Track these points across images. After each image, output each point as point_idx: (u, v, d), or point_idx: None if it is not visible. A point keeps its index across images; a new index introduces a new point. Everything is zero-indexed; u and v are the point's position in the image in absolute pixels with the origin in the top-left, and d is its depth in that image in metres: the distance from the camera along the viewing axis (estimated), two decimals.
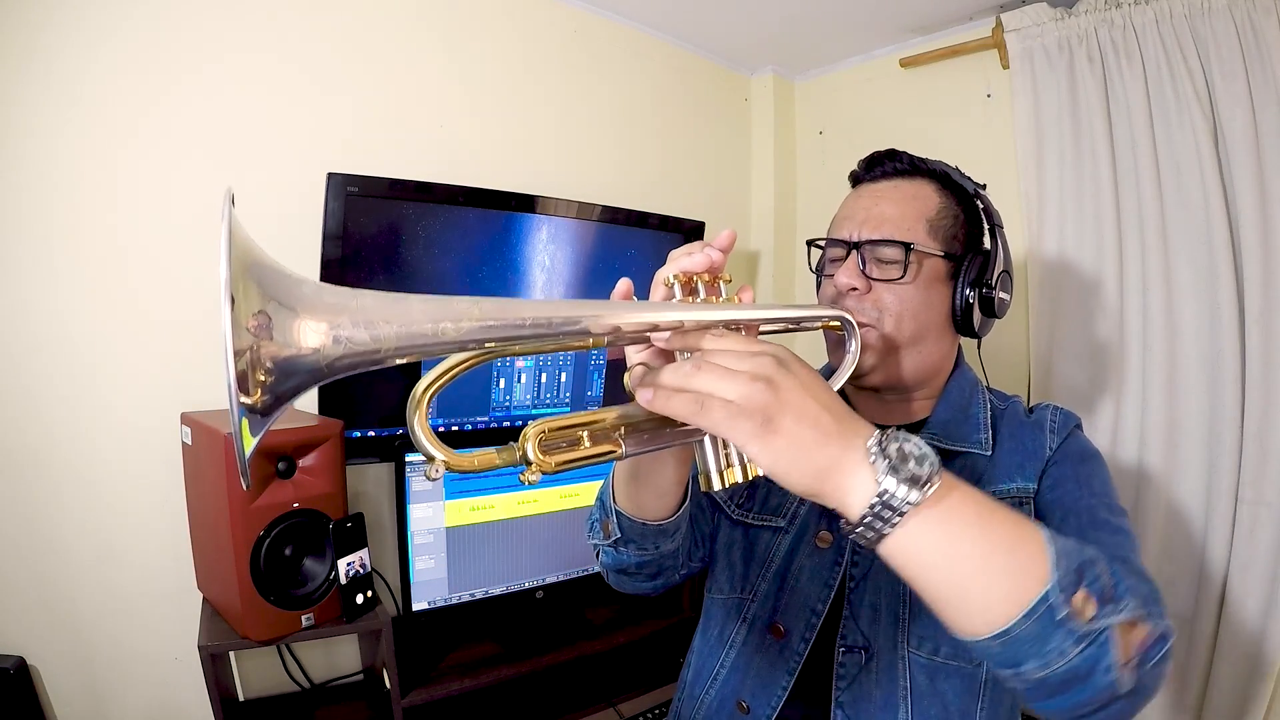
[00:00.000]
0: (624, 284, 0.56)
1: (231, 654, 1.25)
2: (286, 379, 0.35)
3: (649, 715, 1.36)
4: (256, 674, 1.29)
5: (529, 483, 0.46)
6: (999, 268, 0.78)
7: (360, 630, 1.16)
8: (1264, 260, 1.27)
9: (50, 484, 1.12)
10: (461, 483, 1.35)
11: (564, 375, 1.55)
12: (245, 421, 0.34)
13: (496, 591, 1.39)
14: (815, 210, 2.08)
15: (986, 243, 0.81)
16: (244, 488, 0.36)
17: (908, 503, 0.44)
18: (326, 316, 0.36)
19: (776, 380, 0.45)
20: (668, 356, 0.55)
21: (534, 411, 1.53)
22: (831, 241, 0.82)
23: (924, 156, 0.81)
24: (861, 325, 0.74)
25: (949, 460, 0.75)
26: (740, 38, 1.87)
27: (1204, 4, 1.31)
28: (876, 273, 0.76)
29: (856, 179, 0.86)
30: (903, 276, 0.75)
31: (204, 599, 1.17)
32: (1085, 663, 0.47)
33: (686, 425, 0.51)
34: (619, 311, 0.48)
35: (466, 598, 1.36)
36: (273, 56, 1.28)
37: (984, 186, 0.82)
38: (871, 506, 0.45)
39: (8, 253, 1.09)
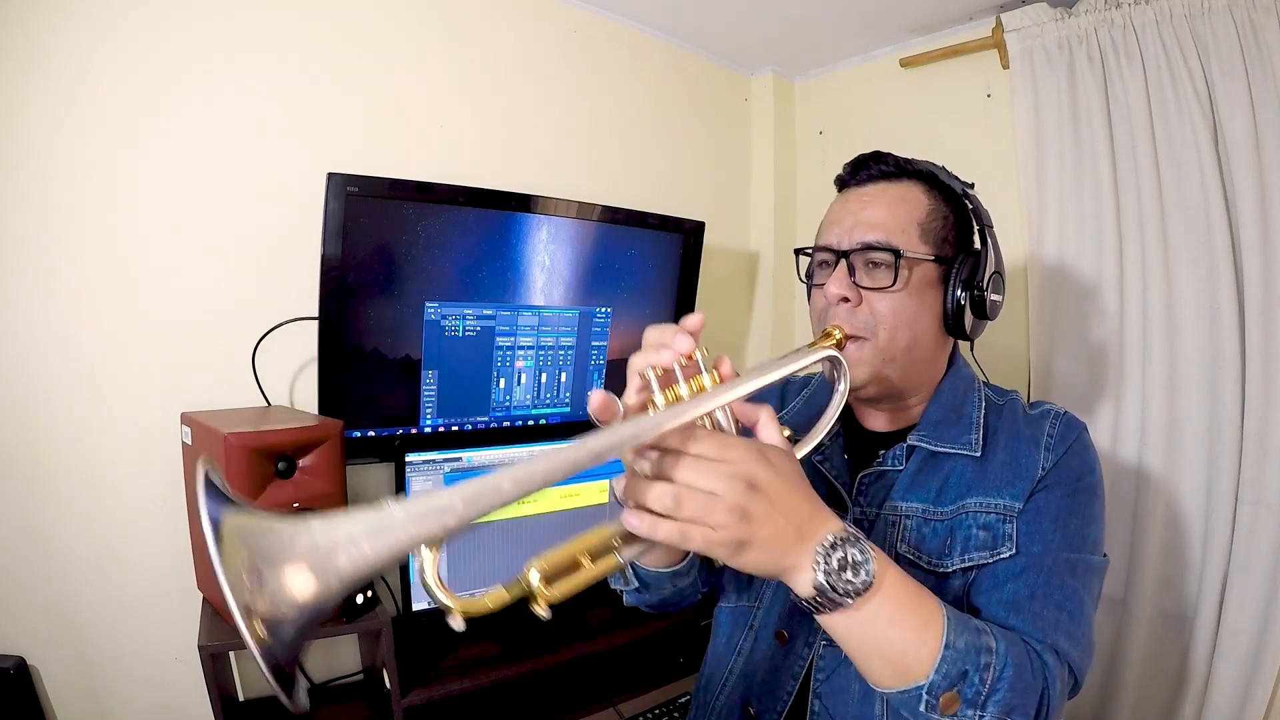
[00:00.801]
0: (598, 398, 0.55)
1: (231, 654, 1.25)
2: (292, 624, 0.40)
3: (649, 715, 1.36)
4: (256, 674, 1.29)
5: (542, 618, 0.51)
6: (990, 268, 0.77)
7: (360, 630, 1.16)
8: (1264, 260, 1.27)
9: (50, 484, 1.12)
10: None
11: (564, 375, 1.55)
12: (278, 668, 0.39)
13: None
14: (815, 210, 2.05)
15: (977, 243, 0.80)
16: (297, 710, 0.42)
17: (835, 603, 0.54)
18: (321, 557, 0.40)
19: (749, 510, 0.51)
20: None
21: (534, 412, 1.53)
22: (819, 249, 0.81)
23: (910, 157, 0.80)
24: (854, 338, 0.75)
25: (939, 460, 0.76)
26: (740, 38, 1.87)
27: (1204, 4, 1.31)
28: (867, 281, 0.75)
29: (843, 183, 0.85)
30: (894, 284, 0.74)
31: (204, 599, 1.17)
32: None
33: None
34: (596, 447, 0.48)
35: (466, 597, 1.36)
36: (272, 56, 1.28)
37: (972, 185, 0.80)
38: (808, 599, 0.55)
39: (8, 253, 1.09)
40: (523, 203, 1.43)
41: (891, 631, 0.56)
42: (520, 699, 1.38)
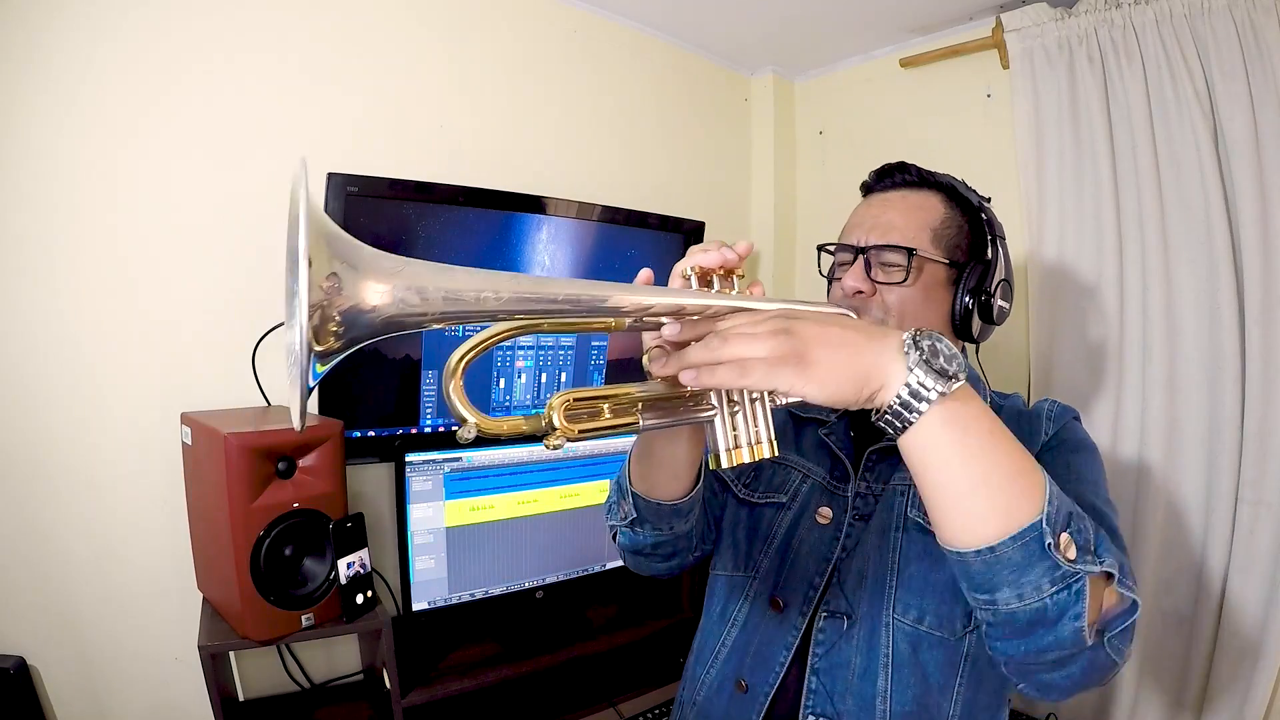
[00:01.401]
0: (646, 273, 0.60)
1: (231, 654, 1.25)
2: (349, 330, 0.40)
3: (649, 715, 1.36)
4: (256, 674, 1.29)
5: (553, 448, 0.50)
6: (999, 276, 0.82)
7: (360, 630, 1.16)
8: (1264, 260, 1.27)
9: (50, 484, 1.12)
10: (462, 483, 1.35)
11: (564, 375, 1.55)
12: (311, 363, 0.38)
13: (496, 591, 1.39)
14: (815, 210, 2.08)
15: (989, 253, 0.83)
16: (298, 430, 0.40)
17: (936, 391, 0.49)
18: (386, 279, 0.41)
19: (793, 328, 0.50)
20: (680, 346, 0.57)
21: (534, 411, 1.52)
22: (841, 247, 0.86)
23: (932, 170, 0.85)
24: None
25: None
26: (740, 38, 1.87)
27: (1204, 4, 1.31)
28: (881, 276, 0.80)
29: (868, 189, 0.89)
30: (905, 280, 0.78)
31: (204, 599, 1.17)
32: (1056, 606, 0.51)
33: (702, 406, 0.57)
34: (645, 294, 0.52)
35: (466, 598, 1.36)
36: (273, 56, 1.28)
37: (989, 200, 0.86)
38: (899, 396, 0.50)
39: (8, 253, 1.09)
40: (523, 203, 1.43)
41: (996, 446, 0.50)
42: (520, 699, 1.38)
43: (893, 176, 0.86)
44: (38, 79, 1.09)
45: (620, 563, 1.56)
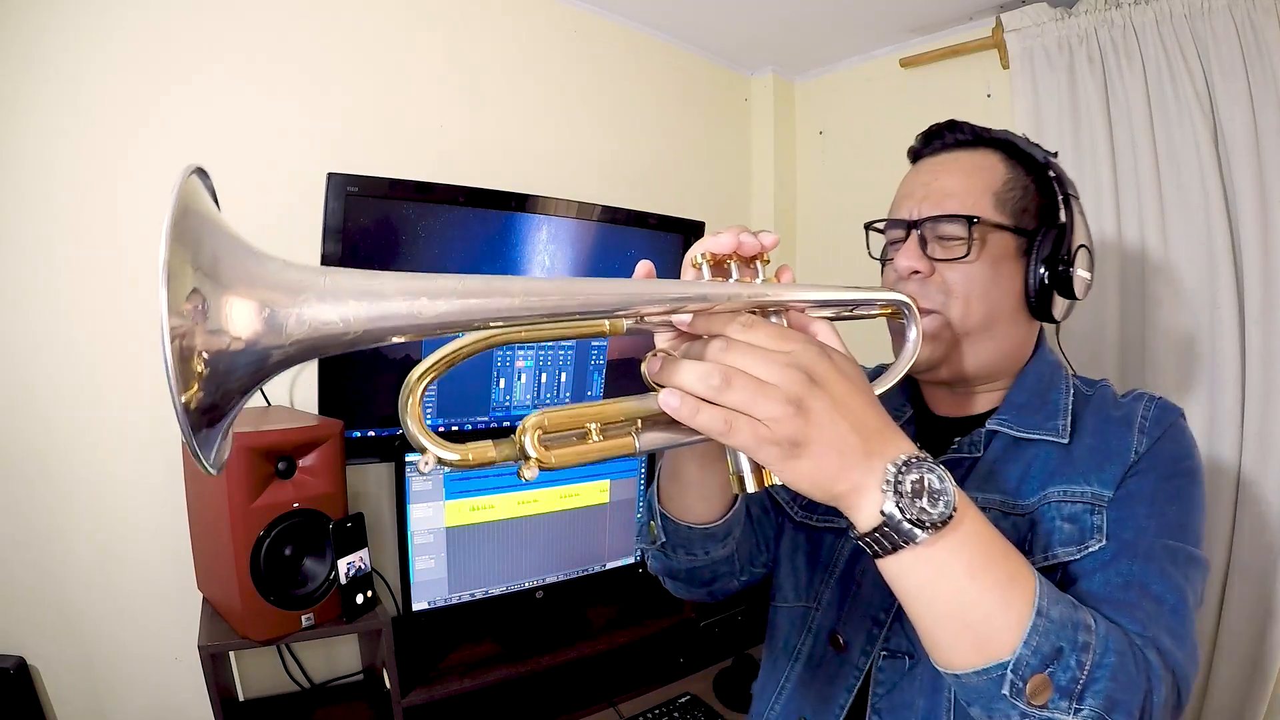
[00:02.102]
0: (645, 266, 0.51)
1: (231, 654, 1.25)
2: (241, 365, 0.33)
3: (649, 715, 1.36)
4: (256, 674, 1.29)
5: (526, 479, 0.42)
6: (1077, 241, 0.70)
7: (360, 630, 1.16)
8: (1264, 260, 1.27)
9: (50, 484, 1.12)
10: (462, 483, 1.35)
11: (564, 375, 1.55)
12: (191, 417, 0.32)
13: (496, 591, 1.39)
14: (815, 210, 2.08)
15: (1062, 215, 0.73)
16: (210, 473, 0.35)
17: (907, 538, 0.45)
18: (289, 295, 0.34)
19: (807, 403, 0.43)
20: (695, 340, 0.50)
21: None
22: (891, 223, 0.75)
23: (987, 125, 0.75)
24: (925, 312, 0.68)
25: (1021, 448, 0.70)
26: (740, 38, 1.87)
27: (1204, 4, 1.31)
28: (940, 252, 0.70)
29: (916, 154, 0.79)
30: (967, 254, 0.68)
31: (204, 599, 1.17)
32: None
33: None
34: (630, 288, 0.43)
35: (466, 598, 1.36)
36: (272, 56, 1.28)
37: (1055, 154, 0.75)
38: (871, 531, 0.46)
39: (8, 252, 1.09)
40: (522, 203, 1.43)
41: (971, 585, 0.46)
42: (520, 699, 1.38)
43: (943, 137, 0.75)
44: (38, 80, 1.09)
45: (621, 562, 1.57)
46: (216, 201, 0.36)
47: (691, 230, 1.69)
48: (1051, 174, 0.74)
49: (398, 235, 1.30)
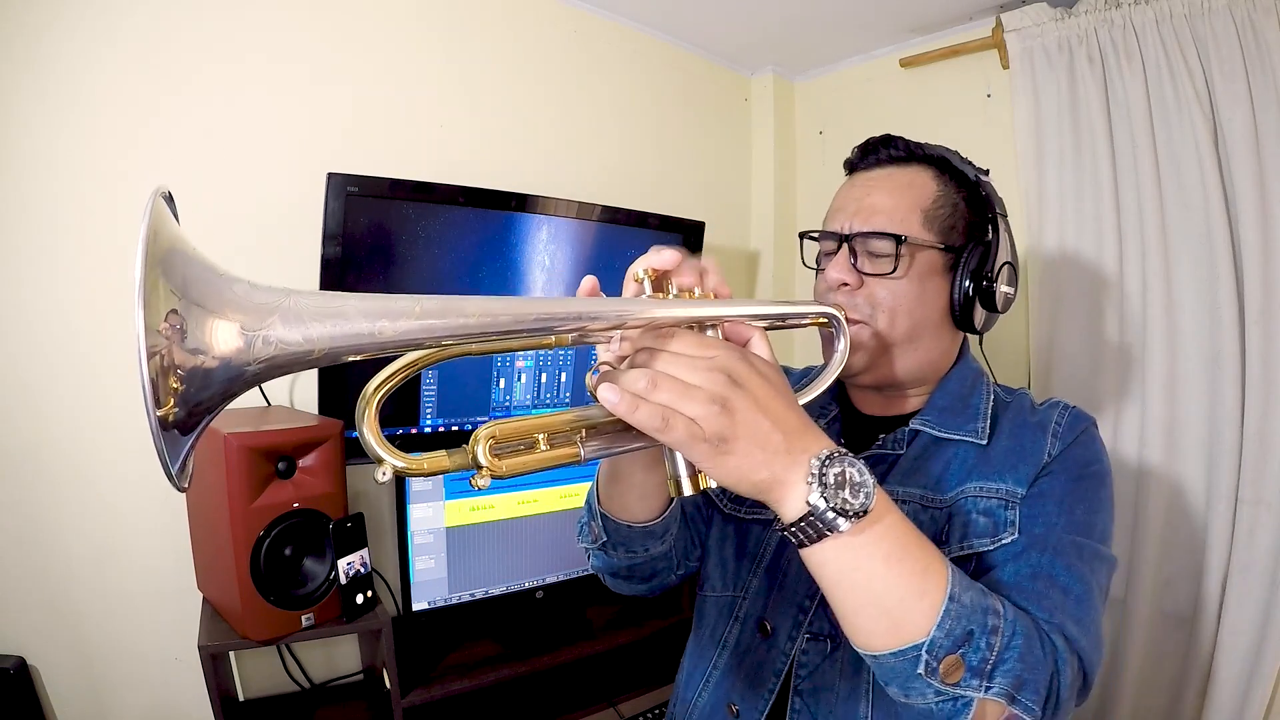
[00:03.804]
0: (590, 281, 0.54)
1: (231, 654, 1.25)
2: (211, 382, 0.35)
3: (649, 715, 1.36)
4: (256, 674, 1.29)
5: (479, 488, 0.44)
6: (1001, 259, 0.74)
7: (360, 630, 1.16)
8: (1264, 260, 1.27)
9: (50, 484, 1.12)
10: (461, 482, 1.35)
11: (564, 375, 1.55)
12: (164, 431, 0.34)
13: (496, 591, 1.39)
14: (815, 210, 2.07)
15: (989, 233, 0.76)
16: (179, 488, 0.37)
17: (831, 527, 0.48)
18: (255, 316, 0.36)
19: (732, 402, 0.47)
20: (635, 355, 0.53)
21: (534, 411, 1.53)
22: (824, 234, 0.79)
23: (922, 141, 0.78)
24: (853, 322, 0.72)
25: (941, 447, 0.74)
26: (740, 38, 1.87)
27: (1204, 4, 1.31)
28: (869, 266, 0.73)
29: (851, 166, 0.82)
30: (894, 270, 0.71)
31: (204, 599, 1.17)
32: (942, 712, 0.53)
33: None
34: (574, 308, 0.46)
35: (466, 598, 1.36)
36: (273, 57, 1.28)
37: (986, 173, 0.78)
38: (797, 521, 0.48)
39: (8, 252, 1.09)
40: (523, 203, 1.43)
41: (889, 572, 0.50)
42: (520, 699, 1.38)
43: (878, 152, 0.78)
44: (39, 81, 1.09)
45: None
46: (179, 222, 0.38)
47: (691, 230, 1.69)
48: (982, 192, 0.77)
49: (398, 235, 1.30)
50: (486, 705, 1.34)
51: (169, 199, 0.37)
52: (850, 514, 0.47)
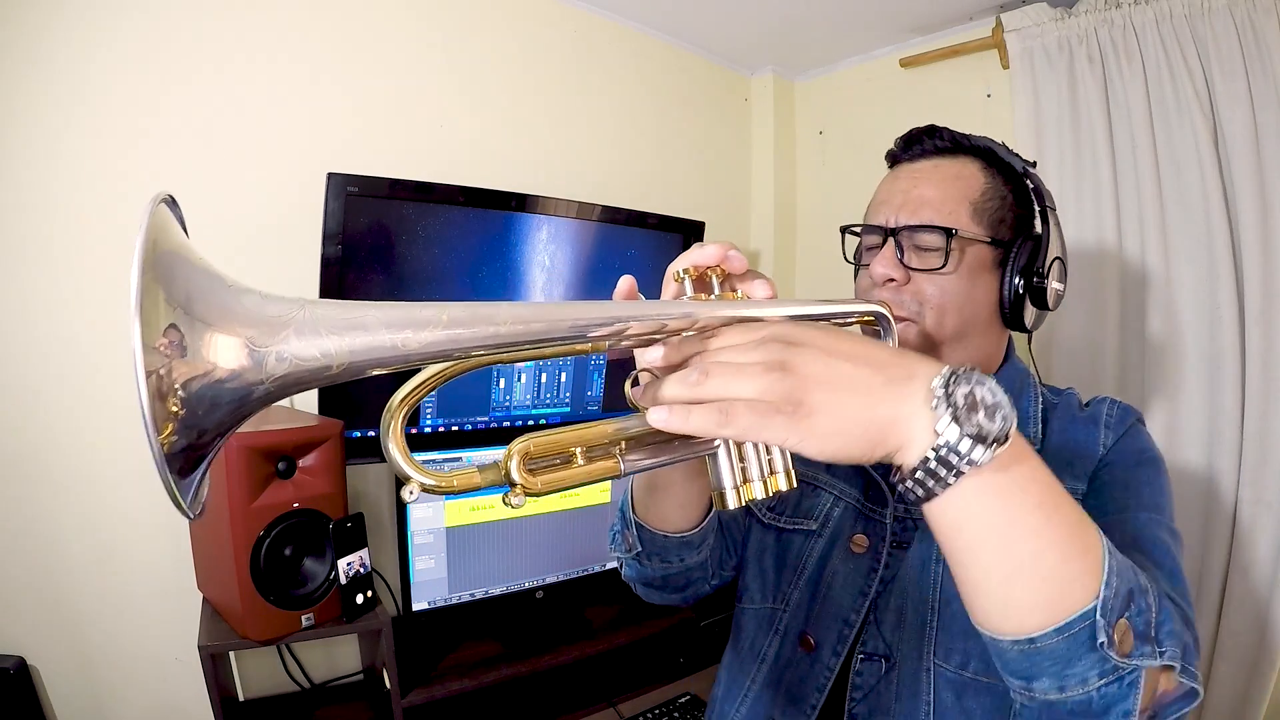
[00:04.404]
0: (626, 282, 0.50)
1: (231, 654, 1.25)
2: (221, 402, 0.32)
3: (649, 715, 1.36)
4: (256, 674, 1.29)
5: (513, 506, 0.41)
6: (1052, 254, 0.71)
7: (360, 630, 1.16)
8: (1264, 260, 1.27)
9: (50, 484, 1.12)
10: None
11: (564, 375, 1.55)
12: (165, 450, 0.31)
13: (496, 591, 1.39)
14: (815, 210, 2.08)
15: (1038, 226, 0.74)
16: (189, 518, 0.35)
17: (969, 460, 0.38)
18: (267, 331, 0.33)
19: (791, 361, 0.40)
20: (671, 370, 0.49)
21: (534, 412, 1.53)
22: (867, 228, 0.75)
23: (967, 133, 0.75)
24: (900, 320, 0.68)
25: None
26: (740, 38, 1.87)
27: (1204, 4, 1.31)
28: (916, 262, 0.69)
29: (894, 159, 0.79)
30: (944, 266, 0.68)
31: (204, 599, 1.17)
32: (1103, 699, 0.43)
33: (695, 438, 0.46)
34: (612, 311, 0.42)
35: (466, 598, 1.36)
36: (273, 56, 1.28)
37: (1034, 164, 0.75)
38: (925, 460, 0.39)
39: (8, 252, 1.09)
40: (522, 203, 1.43)
41: (1047, 523, 0.40)
42: (520, 699, 1.38)
43: (922, 143, 0.75)
44: (39, 80, 1.09)
45: None
46: (185, 229, 0.36)
47: (691, 230, 1.69)
48: (1029, 184, 0.74)
49: (398, 235, 1.30)
50: (486, 705, 1.34)
51: (172, 203, 0.34)
52: (991, 441, 0.38)
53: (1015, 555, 0.40)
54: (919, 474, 0.39)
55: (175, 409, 0.30)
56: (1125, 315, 1.44)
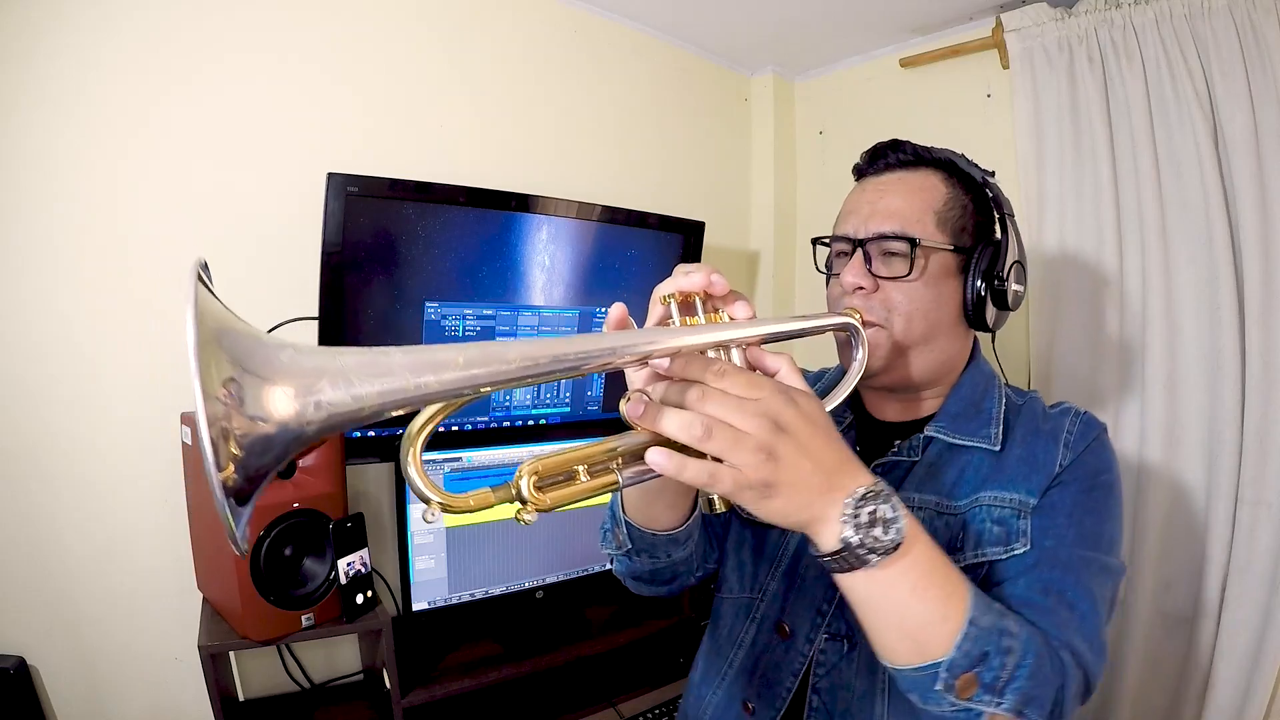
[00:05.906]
0: (617, 311, 0.56)
1: (231, 654, 1.25)
2: (266, 450, 0.35)
3: (649, 715, 1.36)
4: (256, 674, 1.29)
5: (525, 523, 0.45)
6: (1010, 258, 0.76)
7: (360, 630, 1.16)
8: (1264, 260, 1.27)
9: (50, 484, 1.12)
10: (462, 482, 1.35)
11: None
12: (229, 499, 0.35)
13: (496, 591, 1.39)
14: (815, 210, 2.08)
15: (997, 232, 0.79)
16: (241, 552, 0.38)
17: (863, 561, 0.51)
18: (306, 381, 0.36)
19: (777, 450, 0.49)
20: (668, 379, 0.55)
21: (534, 412, 1.53)
22: (836, 239, 0.80)
23: (929, 145, 0.80)
24: (870, 325, 0.73)
25: (955, 453, 0.75)
26: (740, 38, 1.87)
27: (1204, 4, 1.31)
28: (883, 270, 0.74)
29: (860, 172, 0.84)
30: (910, 273, 0.73)
31: (204, 599, 1.17)
32: (957, 719, 0.56)
33: (690, 451, 0.52)
34: (609, 343, 0.48)
35: (466, 598, 1.36)
36: (273, 56, 1.28)
37: (992, 174, 0.80)
38: (832, 554, 0.51)
39: (8, 252, 1.09)
40: (523, 203, 1.43)
41: (914, 599, 0.53)
42: (520, 699, 1.38)
43: (887, 156, 0.80)
44: (40, 79, 1.09)
45: None
46: (210, 289, 0.38)
47: (691, 230, 1.69)
48: (989, 193, 0.79)
49: (398, 235, 1.30)
50: (486, 705, 1.34)
51: (204, 269, 0.37)
52: (880, 550, 0.50)
53: (889, 617, 0.54)
54: (828, 559, 0.52)
55: (236, 452, 0.34)
56: (1125, 315, 1.44)
